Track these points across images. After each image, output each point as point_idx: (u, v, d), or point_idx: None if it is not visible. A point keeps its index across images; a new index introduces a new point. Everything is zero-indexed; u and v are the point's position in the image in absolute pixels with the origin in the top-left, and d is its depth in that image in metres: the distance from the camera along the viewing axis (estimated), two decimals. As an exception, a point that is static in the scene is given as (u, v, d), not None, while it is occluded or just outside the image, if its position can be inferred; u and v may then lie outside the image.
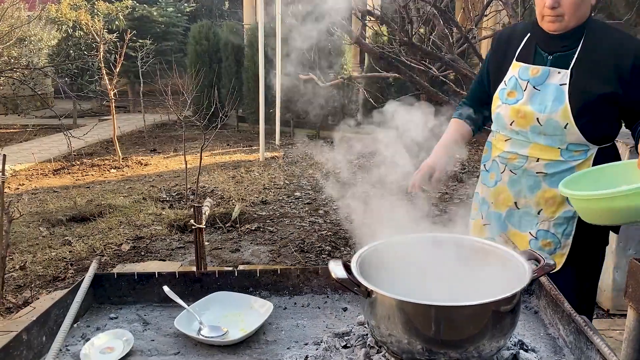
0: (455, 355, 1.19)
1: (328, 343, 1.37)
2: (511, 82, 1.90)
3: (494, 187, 2.01)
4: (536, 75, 1.84)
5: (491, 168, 2.03)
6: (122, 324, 1.54)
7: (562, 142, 1.82)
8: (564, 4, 1.72)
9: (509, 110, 1.88)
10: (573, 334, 1.33)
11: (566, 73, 1.79)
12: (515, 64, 1.90)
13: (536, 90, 1.83)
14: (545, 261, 1.27)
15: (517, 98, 1.87)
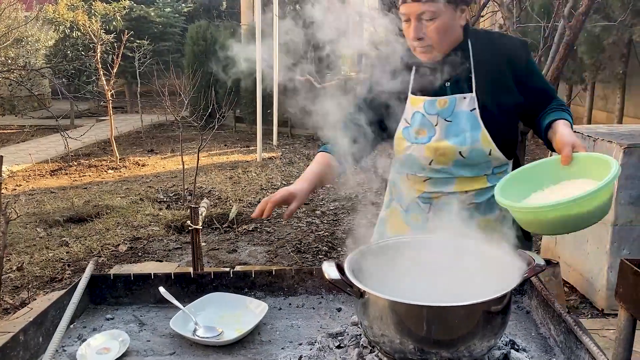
0: (446, 355, 1.21)
1: (322, 343, 1.39)
2: (416, 118, 1.74)
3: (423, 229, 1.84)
4: (444, 106, 1.71)
5: (411, 209, 1.89)
6: (118, 324, 1.56)
7: (488, 169, 1.76)
8: (428, 35, 1.63)
9: (424, 150, 1.73)
10: (563, 334, 1.35)
11: (472, 97, 1.70)
12: (416, 98, 1.75)
13: (448, 122, 1.71)
14: (535, 262, 1.29)
15: (429, 135, 1.73)
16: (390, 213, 1.99)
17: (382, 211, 2.06)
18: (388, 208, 2.01)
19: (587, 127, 3.97)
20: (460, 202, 1.73)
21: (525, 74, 1.74)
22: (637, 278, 1.56)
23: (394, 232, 1.95)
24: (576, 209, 1.34)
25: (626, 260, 1.63)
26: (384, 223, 2.02)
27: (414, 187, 1.84)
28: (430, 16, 1.60)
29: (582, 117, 8.69)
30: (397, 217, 1.95)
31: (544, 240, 4.30)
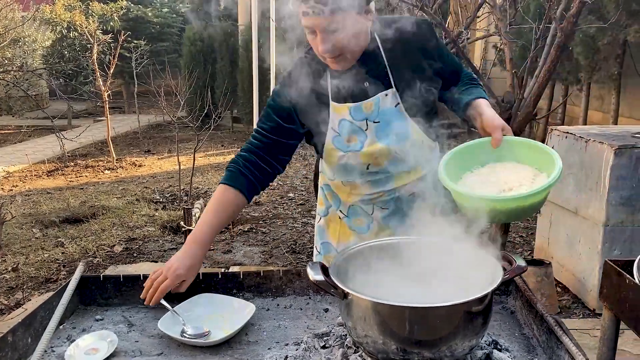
0: (428, 355, 1.23)
1: (308, 343, 1.41)
2: (344, 127, 1.68)
3: (369, 231, 1.87)
4: (371, 109, 1.67)
5: (353, 214, 1.87)
6: (107, 325, 1.57)
7: (422, 158, 1.75)
8: (337, 46, 1.54)
9: (359, 157, 1.70)
10: (545, 334, 1.37)
11: (393, 92, 1.67)
12: (339, 106, 1.68)
13: (376, 124, 1.68)
14: (517, 263, 1.31)
15: (361, 141, 1.69)
16: (330, 220, 1.97)
17: (319, 219, 2.02)
18: (326, 215, 1.98)
19: (580, 128, 3.99)
20: (401, 196, 1.76)
21: (438, 55, 1.72)
22: (620, 278, 1.58)
23: (337, 239, 1.94)
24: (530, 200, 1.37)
25: (610, 261, 1.65)
26: (323, 231, 1.99)
27: (353, 192, 1.81)
28: (336, 27, 1.50)
29: (578, 118, 8.71)
30: (339, 224, 1.93)
31: (538, 240, 4.33)
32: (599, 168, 3.41)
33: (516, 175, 1.43)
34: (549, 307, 3.54)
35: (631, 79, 7.48)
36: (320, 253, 2.03)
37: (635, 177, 3.29)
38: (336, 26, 1.49)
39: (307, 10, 1.48)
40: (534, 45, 3.45)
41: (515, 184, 1.40)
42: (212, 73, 11.55)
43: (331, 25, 1.49)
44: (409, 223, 1.54)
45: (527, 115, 3.48)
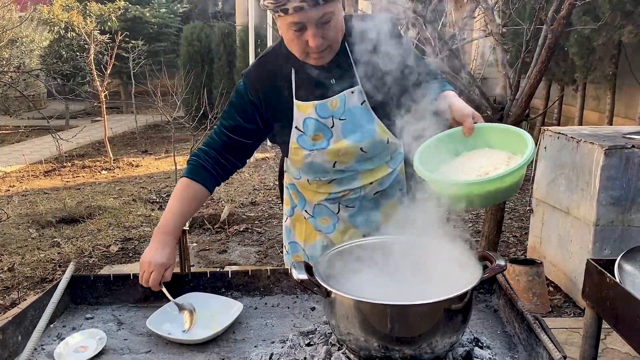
0: (409, 352, 1.25)
1: (293, 341, 1.43)
2: (309, 125, 1.67)
3: (335, 231, 1.87)
4: (337, 107, 1.66)
5: (318, 213, 1.87)
6: (97, 323, 1.60)
7: (387, 156, 1.78)
8: (327, 38, 1.54)
9: (326, 155, 1.69)
10: (526, 332, 1.39)
11: (359, 89, 1.67)
12: (303, 104, 1.66)
13: (343, 121, 1.67)
14: (496, 262, 1.33)
15: (326, 139, 1.68)
16: (296, 220, 1.97)
17: (286, 219, 2.03)
18: (292, 215, 1.98)
19: (572, 129, 4.02)
20: (366, 194, 1.76)
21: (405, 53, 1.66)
22: (601, 277, 1.61)
23: (303, 239, 1.95)
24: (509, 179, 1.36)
25: (591, 260, 1.67)
26: (290, 232, 2.00)
27: (319, 191, 1.81)
28: (328, 18, 1.50)
29: (574, 118, 8.75)
30: (304, 224, 1.93)
31: (531, 240, 4.35)
32: (589, 168, 3.43)
33: (490, 160, 1.43)
34: (540, 306, 3.57)
35: (627, 79, 7.51)
36: (289, 253, 2.04)
37: (625, 177, 3.32)
38: (328, 17, 1.50)
39: (300, 5, 1.43)
40: (524, 47, 3.48)
41: (490, 168, 1.39)
42: (209, 73, 11.58)
43: (324, 17, 1.49)
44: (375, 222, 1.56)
45: (519, 116, 3.51)
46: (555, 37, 3.23)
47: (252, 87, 1.69)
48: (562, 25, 3.18)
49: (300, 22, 1.49)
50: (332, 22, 1.52)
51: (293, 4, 1.43)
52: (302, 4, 1.44)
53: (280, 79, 1.67)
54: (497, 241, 3.97)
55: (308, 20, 1.48)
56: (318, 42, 1.52)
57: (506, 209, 5.69)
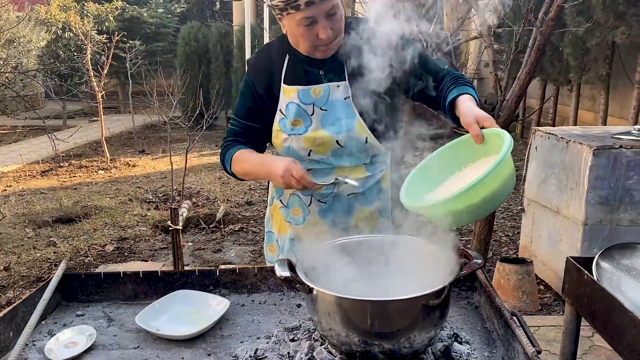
0: (388, 346, 1.29)
1: (278, 337, 1.47)
2: (291, 109, 1.72)
3: (303, 223, 1.88)
4: (320, 95, 1.70)
5: (291, 203, 1.89)
6: (87, 320, 1.64)
7: (366, 157, 1.77)
8: (335, 30, 1.62)
9: (302, 141, 1.72)
10: (503, 327, 1.43)
11: (345, 85, 1.70)
12: (289, 88, 1.72)
13: (323, 111, 1.70)
14: (473, 260, 1.37)
15: (305, 125, 1.72)
16: (273, 210, 1.99)
17: (268, 208, 2.06)
18: (271, 205, 2.00)
19: (562, 129, 4.06)
20: (340, 192, 1.76)
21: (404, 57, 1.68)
22: (580, 275, 1.65)
23: (278, 229, 1.98)
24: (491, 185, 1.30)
25: (571, 258, 1.71)
26: (269, 221, 2.03)
27: None
28: (335, 10, 1.58)
29: (569, 118, 8.80)
30: (279, 215, 1.96)
31: (522, 239, 4.40)
32: (578, 168, 3.48)
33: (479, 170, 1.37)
34: (530, 305, 3.61)
35: (621, 79, 7.57)
36: (266, 242, 2.09)
37: (613, 177, 3.36)
38: (335, 9, 1.58)
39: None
40: (514, 48, 3.52)
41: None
42: (206, 73, 11.61)
43: (332, 9, 1.56)
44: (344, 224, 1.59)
45: (509, 117, 3.55)
46: (544, 38, 3.27)
47: (252, 71, 1.80)
48: (551, 27, 3.23)
49: (312, 17, 1.56)
50: (338, 14, 1.60)
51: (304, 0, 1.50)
52: None
53: (275, 65, 1.75)
54: (489, 240, 4.01)
55: (319, 14, 1.55)
56: (329, 33, 1.59)
57: (499, 208, 5.74)
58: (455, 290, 1.73)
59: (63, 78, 12.25)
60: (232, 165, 1.81)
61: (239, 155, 1.79)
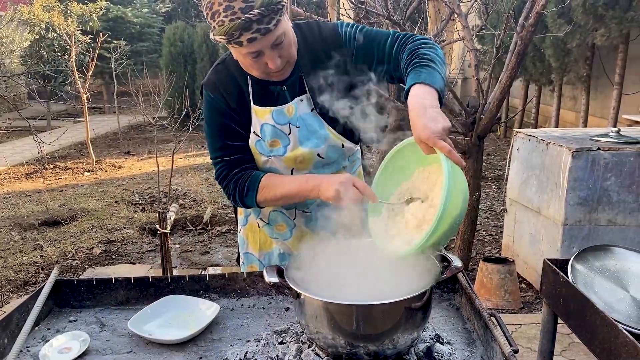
0: (373, 348, 1.35)
1: (267, 340, 1.52)
2: (266, 131, 1.69)
3: (291, 237, 1.88)
4: (292, 113, 1.69)
5: (273, 220, 1.87)
6: (80, 326, 1.67)
7: (344, 160, 1.79)
8: (284, 56, 1.58)
9: (283, 162, 1.71)
10: (483, 328, 1.50)
11: (307, 97, 1.69)
12: (261, 109, 1.69)
13: (297, 128, 1.69)
14: (454, 263, 1.44)
15: (284, 145, 1.70)
16: (249, 230, 1.98)
17: (240, 229, 2.03)
18: (245, 225, 1.99)
19: (543, 131, 4.16)
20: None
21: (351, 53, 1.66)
22: (556, 276, 1.72)
23: (258, 249, 1.97)
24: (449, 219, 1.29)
25: (547, 260, 1.79)
26: (244, 243, 2.02)
27: None
28: (281, 39, 1.53)
29: (551, 117, 8.95)
30: (258, 233, 1.95)
31: (504, 239, 4.49)
32: (558, 170, 3.57)
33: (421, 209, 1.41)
34: (512, 303, 3.70)
35: (601, 80, 7.73)
36: (245, 263, 2.05)
37: (591, 178, 3.46)
38: (281, 39, 1.53)
39: (253, 36, 1.46)
40: (495, 53, 3.61)
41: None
42: (192, 74, 11.61)
43: (277, 40, 1.52)
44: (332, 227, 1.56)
45: (491, 119, 3.64)
46: (525, 44, 3.36)
47: (216, 91, 1.70)
48: (531, 32, 3.31)
49: (256, 51, 1.52)
50: (285, 41, 1.55)
51: (246, 36, 1.46)
52: (255, 34, 1.46)
53: (238, 85, 1.68)
54: (472, 240, 4.10)
55: (264, 47, 1.51)
56: (277, 63, 1.55)
57: (483, 207, 5.85)
58: (438, 292, 1.79)
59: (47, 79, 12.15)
60: (259, 193, 1.68)
61: (269, 179, 1.69)
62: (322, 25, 1.73)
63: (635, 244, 3.49)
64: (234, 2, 1.43)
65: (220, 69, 1.74)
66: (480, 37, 7.48)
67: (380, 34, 1.68)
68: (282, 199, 1.70)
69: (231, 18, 1.44)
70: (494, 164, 8.17)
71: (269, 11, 1.45)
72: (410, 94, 1.42)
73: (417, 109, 1.36)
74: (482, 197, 6.00)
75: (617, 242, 3.44)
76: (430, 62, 1.49)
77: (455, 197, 1.28)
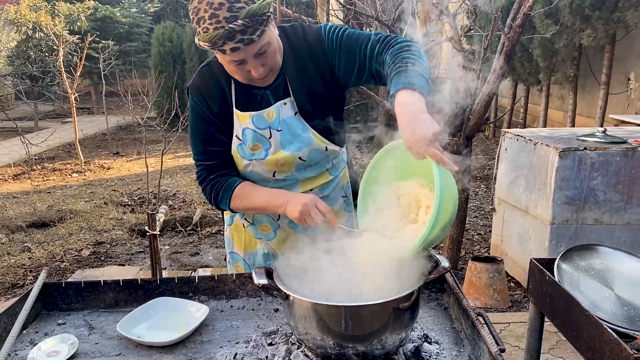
0: (362, 349, 1.36)
1: (256, 341, 1.53)
2: (247, 135, 1.70)
3: (275, 237, 1.89)
4: (273, 117, 1.68)
5: (258, 220, 1.88)
6: (69, 329, 1.67)
7: (327, 163, 1.79)
8: (268, 64, 1.58)
9: (265, 165, 1.72)
10: (470, 327, 1.52)
11: (291, 100, 1.68)
12: (242, 114, 1.69)
13: (279, 132, 1.69)
14: (441, 264, 1.45)
15: (265, 149, 1.70)
16: (234, 229, 1.99)
17: (226, 229, 2.04)
18: (231, 224, 2.00)
19: (531, 131, 4.19)
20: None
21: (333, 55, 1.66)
22: (542, 276, 1.75)
23: (243, 248, 1.98)
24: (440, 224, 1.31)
25: (534, 259, 1.81)
26: (230, 242, 2.03)
27: None
28: (265, 48, 1.54)
29: (539, 117, 9.03)
30: (243, 233, 1.96)
31: (493, 238, 4.52)
32: (545, 169, 3.61)
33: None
34: (500, 302, 3.73)
35: (588, 80, 7.81)
36: (230, 263, 2.06)
37: (578, 178, 3.50)
38: (265, 48, 1.53)
39: (236, 45, 1.47)
40: (483, 54, 3.64)
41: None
42: (181, 74, 11.55)
43: (261, 49, 1.52)
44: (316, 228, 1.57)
45: (479, 120, 3.66)
46: (512, 44, 3.39)
47: (199, 94, 1.72)
48: (518, 33, 3.34)
49: (240, 59, 1.53)
50: (270, 50, 1.56)
51: (229, 45, 1.47)
52: (238, 44, 1.47)
53: (222, 88, 1.69)
54: (461, 239, 4.13)
55: (247, 56, 1.52)
56: (260, 71, 1.57)
57: (472, 207, 5.89)
58: (426, 292, 1.81)
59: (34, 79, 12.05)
60: (232, 201, 1.72)
61: (242, 190, 1.72)
62: (306, 28, 1.73)
63: (621, 243, 3.53)
64: (219, 11, 1.44)
65: (204, 71, 1.75)
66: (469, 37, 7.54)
67: (362, 36, 1.67)
68: (253, 209, 1.76)
69: (215, 26, 1.45)
70: (483, 163, 8.23)
71: (253, 22, 1.46)
72: (397, 99, 1.39)
73: (405, 115, 1.34)
74: (471, 197, 6.05)
75: (603, 241, 3.49)
76: (414, 65, 1.47)
77: (446, 204, 1.29)
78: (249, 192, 1.72)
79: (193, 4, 1.49)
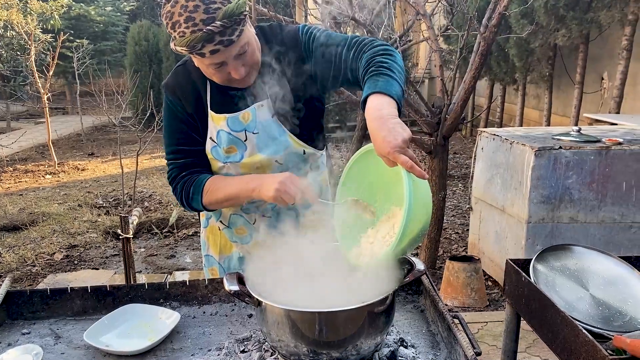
0: (336, 355, 1.33)
1: (229, 349, 1.49)
2: (222, 137, 1.66)
3: (252, 241, 1.85)
4: (249, 120, 1.64)
5: (234, 223, 1.84)
6: (34, 338, 1.60)
7: (306, 166, 1.75)
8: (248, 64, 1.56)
9: (240, 168, 1.68)
10: (446, 330, 1.50)
11: (268, 102, 1.65)
12: (217, 116, 1.65)
13: (256, 135, 1.65)
14: (416, 267, 1.43)
15: (240, 152, 1.67)
16: (210, 232, 1.96)
17: (202, 231, 2.01)
18: (206, 227, 1.96)
19: (506, 131, 4.22)
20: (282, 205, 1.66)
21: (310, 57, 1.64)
22: (518, 277, 1.74)
23: (218, 251, 1.94)
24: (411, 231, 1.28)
25: (510, 260, 1.80)
26: (205, 244, 1.99)
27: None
28: (244, 49, 1.51)
29: (516, 116, 9.13)
30: (219, 236, 1.92)
31: (470, 237, 4.54)
32: (521, 168, 3.63)
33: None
34: (478, 301, 3.74)
35: (563, 79, 7.92)
36: (206, 266, 2.02)
37: (554, 176, 3.53)
38: (245, 47, 1.50)
39: (215, 48, 1.44)
40: (459, 54, 3.64)
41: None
42: (157, 73, 11.41)
43: (240, 50, 1.49)
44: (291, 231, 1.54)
45: (456, 119, 3.67)
46: (488, 44, 3.39)
47: (174, 94, 1.68)
48: (494, 33, 3.35)
49: (220, 62, 1.50)
50: (249, 49, 1.53)
51: (208, 48, 1.43)
52: (218, 46, 1.44)
53: (197, 89, 1.66)
54: (439, 239, 4.13)
55: (227, 58, 1.49)
56: (241, 72, 1.53)
57: (449, 206, 5.91)
58: (402, 295, 1.79)
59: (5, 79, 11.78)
60: (204, 197, 1.66)
61: (213, 183, 1.66)
62: (284, 28, 1.70)
63: (596, 241, 3.57)
64: (194, 14, 1.40)
65: (180, 71, 1.71)
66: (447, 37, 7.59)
67: (338, 38, 1.64)
68: (227, 200, 1.68)
69: (192, 30, 1.41)
70: (460, 162, 8.28)
71: (231, 22, 1.43)
72: (368, 104, 1.36)
73: (376, 121, 1.31)
74: (448, 196, 6.07)
75: (579, 239, 3.53)
76: (388, 70, 1.44)
77: (417, 213, 1.26)
78: (220, 183, 1.66)
79: (166, 8, 1.45)
